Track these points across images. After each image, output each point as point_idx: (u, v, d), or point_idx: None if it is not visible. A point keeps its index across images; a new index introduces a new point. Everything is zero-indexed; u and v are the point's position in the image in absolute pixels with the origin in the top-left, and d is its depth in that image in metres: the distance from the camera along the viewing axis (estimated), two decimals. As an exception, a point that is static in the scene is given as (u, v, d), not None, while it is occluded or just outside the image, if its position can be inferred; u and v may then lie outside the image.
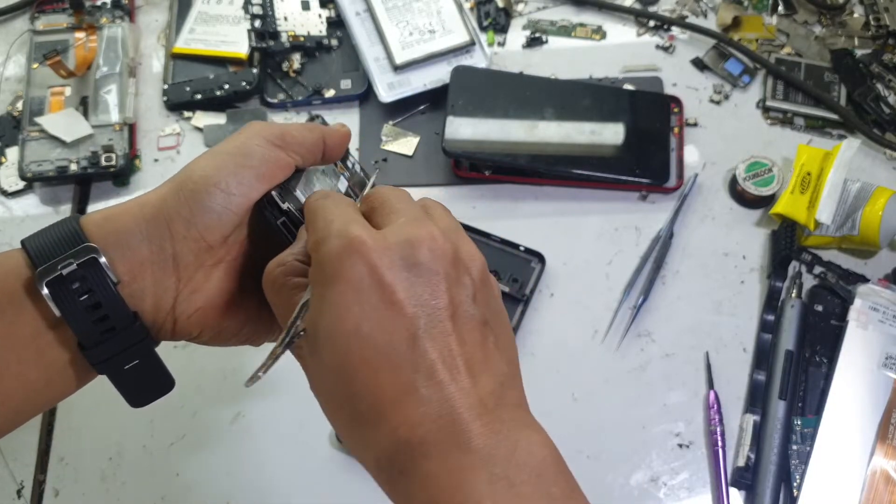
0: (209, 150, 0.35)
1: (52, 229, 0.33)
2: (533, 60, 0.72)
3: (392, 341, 0.28)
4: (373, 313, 0.29)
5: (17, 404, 0.32)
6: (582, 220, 0.65)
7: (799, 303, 0.59)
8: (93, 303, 0.31)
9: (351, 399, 0.29)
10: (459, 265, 0.30)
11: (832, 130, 0.69)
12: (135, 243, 0.32)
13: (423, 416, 0.28)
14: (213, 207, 0.33)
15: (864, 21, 0.74)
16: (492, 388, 0.29)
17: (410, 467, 0.28)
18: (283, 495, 0.56)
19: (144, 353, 0.34)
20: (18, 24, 0.76)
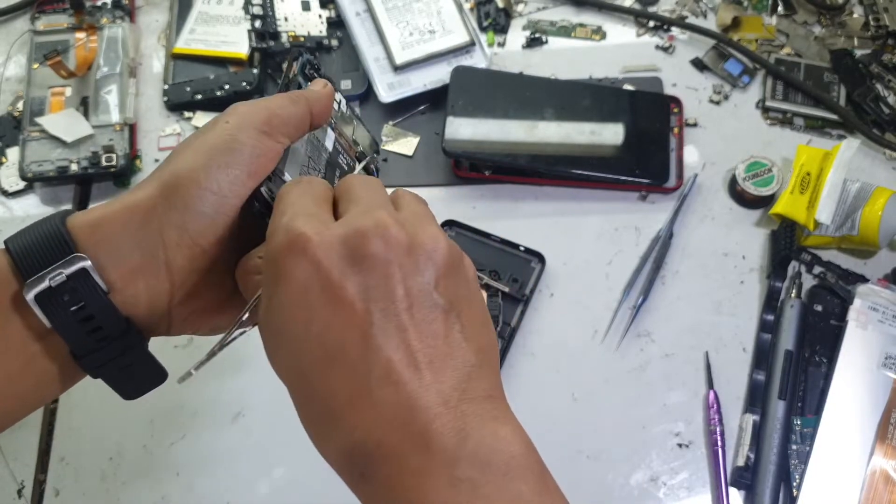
0: (193, 141, 0.33)
1: (37, 230, 0.31)
2: (533, 61, 0.72)
3: (343, 341, 0.27)
4: (321, 313, 0.27)
5: (7, 408, 0.32)
6: (582, 220, 0.65)
7: (798, 303, 0.59)
8: (85, 315, 0.30)
9: (308, 399, 0.28)
10: (417, 253, 0.28)
11: (832, 130, 0.69)
12: (126, 251, 0.31)
13: (378, 419, 0.26)
14: (205, 212, 0.31)
15: (864, 21, 0.74)
16: (455, 381, 0.27)
17: (369, 471, 0.27)
18: (284, 495, 0.56)
19: (138, 356, 0.33)
20: (19, 24, 0.76)
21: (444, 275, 0.29)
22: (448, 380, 0.27)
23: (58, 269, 0.30)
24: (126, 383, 0.35)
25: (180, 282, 0.32)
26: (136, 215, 0.31)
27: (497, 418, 0.28)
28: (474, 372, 0.28)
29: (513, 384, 0.59)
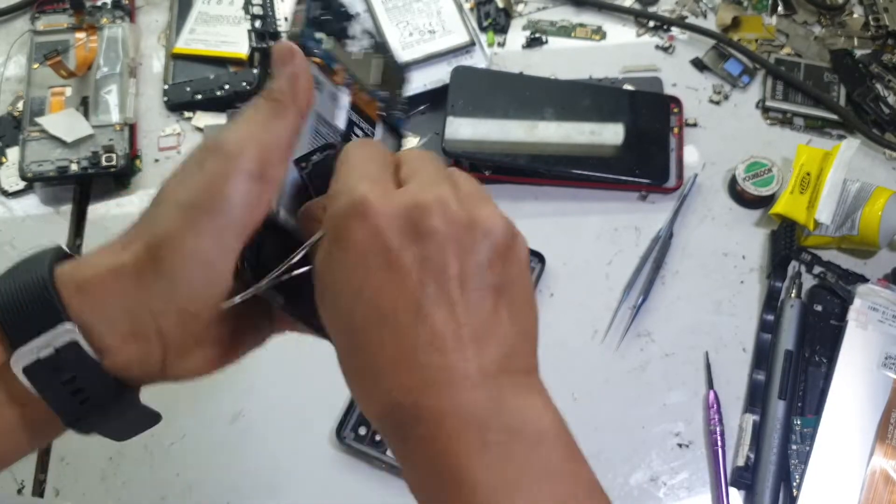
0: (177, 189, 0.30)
1: (24, 282, 0.29)
2: (533, 61, 0.72)
3: (395, 306, 0.28)
4: (376, 278, 0.28)
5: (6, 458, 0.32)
6: (582, 220, 0.65)
7: (798, 303, 0.59)
8: (75, 388, 0.29)
9: (353, 354, 0.29)
10: (475, 231, 0.29)
11: (832, 130, 0.69)
12: (116, 317, 0.29)
13: (418, 382, 0.27)
14: (193, 282, 0.30)
15: (864, 21, 0.74)
16: (496, 356, 0.28)
17: (406, 430, 0.28)
18: (284, 494, 0.56)
19: (129, 408, 0.33)
20: (19, 24, 0.76)
21: (498, 255, 0.29)
22: (489, 354, 0.28)
23: (46, 341, 0.28)
24: (118, 432, 0.34)
25: (174, 348, 0.31)
26: (123, 280, 0.29)
27: (532, 392, 0.29)
28: (515, 349, 0.29)
29: (513, 384, 0.59)
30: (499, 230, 0.29)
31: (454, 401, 0.27)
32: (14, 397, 0.29)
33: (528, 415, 0.28)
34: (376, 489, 0.56)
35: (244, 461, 0.57)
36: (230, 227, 0.30)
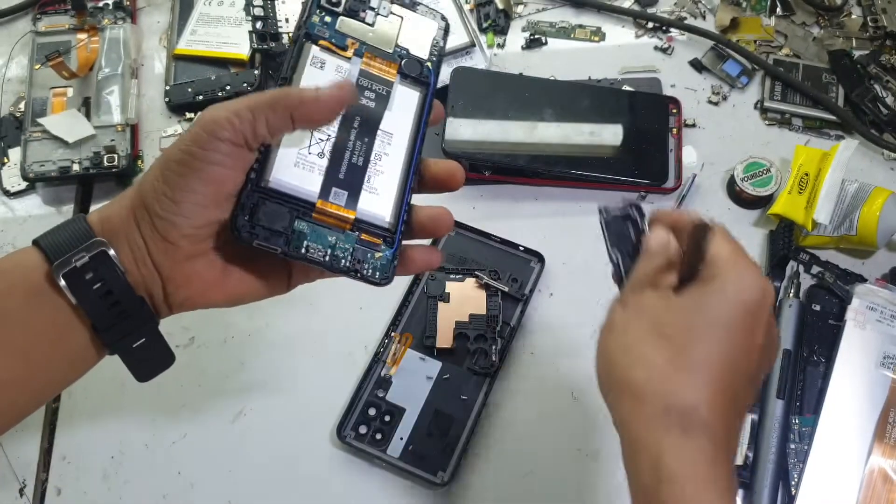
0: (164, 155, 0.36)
1: (62, 228, 0.36)
2: (532, 62, 0.73)
3: (738, 375, 0.37)
4: (742, 354, 0.37)
5: (43, 384, 0.37)
6: (581, 221, 0.65)
7: (797, 302, 0.60)
8: (105, 291, 0.35)
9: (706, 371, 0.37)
10: (773, 334, 0.39)
11: (830, 131, 0.69)
12: (122, 241, 0.36)
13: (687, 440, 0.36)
14: (168, 219, 0.35)
15: (862, 22, 0.74)
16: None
17: (686, 428, 0.35)
18: (285, 494, 0.56)
19: (150, 332, 0.37)
20: (21, 25, 0.76)
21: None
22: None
23: (81, 253, 0.34)
24: (140, 361, 0.38)
25: (167, 275, 0.36)
26: (125, 218, 0.36)
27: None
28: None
29: (513, 384, 0.59)
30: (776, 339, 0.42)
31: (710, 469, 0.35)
32: (56, 322, 0.35)
33: None
34: (377, 488, 0.56)
35: (245, 460, 0.57)
36: (196, 177, 0.35)
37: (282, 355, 0.61)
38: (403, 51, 0.43)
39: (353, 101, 0.39)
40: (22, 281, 0.35)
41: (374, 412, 0.57)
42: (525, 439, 0.57)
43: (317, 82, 0.39)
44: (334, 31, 0.42)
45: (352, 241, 0.40)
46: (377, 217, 0.40)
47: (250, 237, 0.37)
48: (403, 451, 0.56)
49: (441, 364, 0.59)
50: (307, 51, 0.41)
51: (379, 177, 0.41)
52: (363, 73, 0.42)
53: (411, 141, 0.43)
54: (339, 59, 0.42)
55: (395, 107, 0.42)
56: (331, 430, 0.57)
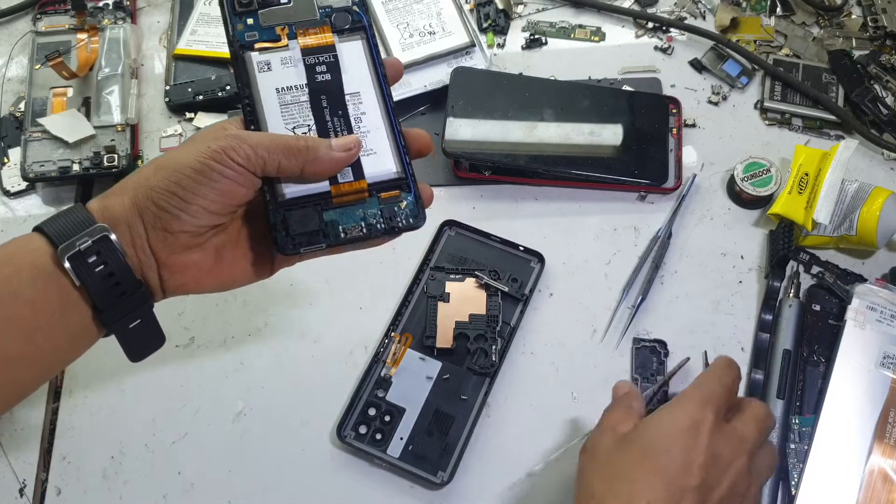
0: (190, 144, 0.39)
1: (63, 215, 0.38)
2: (532, 62, 0.73)
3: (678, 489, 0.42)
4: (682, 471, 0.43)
5: (46, 361, 0.39)
6: (581, 221, 0.65)
7: (797, 302, 0.60)
8: (107, 272, 0.38)
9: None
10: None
11: (830, 131, 0.69)
12: (123, 228, 0.39)
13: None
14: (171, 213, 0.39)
15: (862, 22, 0.74)
16: None
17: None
18: (285, 493, 0.56)
19: (146, 314, 0.40)
20: (21, 25, 0.76)
21: None
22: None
23: (84, 237, 0.37)
24: (134, 341, 0.41)
25: (164, 261, 0.40)
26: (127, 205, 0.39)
27: None
28: None
29: (513, 384, 0.59)
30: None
31: None
32: (60, 302, 0.37)
33: None
34: (377, 488, 0.56)
35: (245, 460, 0.57)
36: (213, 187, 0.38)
37: (282, 355, 0.61)
38: (328, 8, 0.45)
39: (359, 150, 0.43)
40: (28, 263, 0.37)
41: (374, 412, 0.57)
42: (525, 439, 0.57)
43: (273, 85, 0.43)
44: (260, 28, 0.44)
45: (376, 206, 0.43)
46: (385, 173, 0.43)
47: (295, 248, 0.41)
48: (403, 450, 0.56)
49: (441, 364, 0.59)
50: (249, 61, 0.44)
51: (368, 136, 0.44)
52: (305, 52, 0.44)
53: (377, 88, 0.45)
54: (279, 51, 0.44)
55: (348, 66, 0.45)
56: (331, 430, 0.57)
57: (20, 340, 0.37)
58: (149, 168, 0.40)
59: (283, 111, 0.43)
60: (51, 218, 0.39)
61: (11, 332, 0.37)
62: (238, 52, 0.44)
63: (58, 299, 0.37)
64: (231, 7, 0.44)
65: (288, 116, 0.43)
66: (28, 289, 0.37)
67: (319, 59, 0.44)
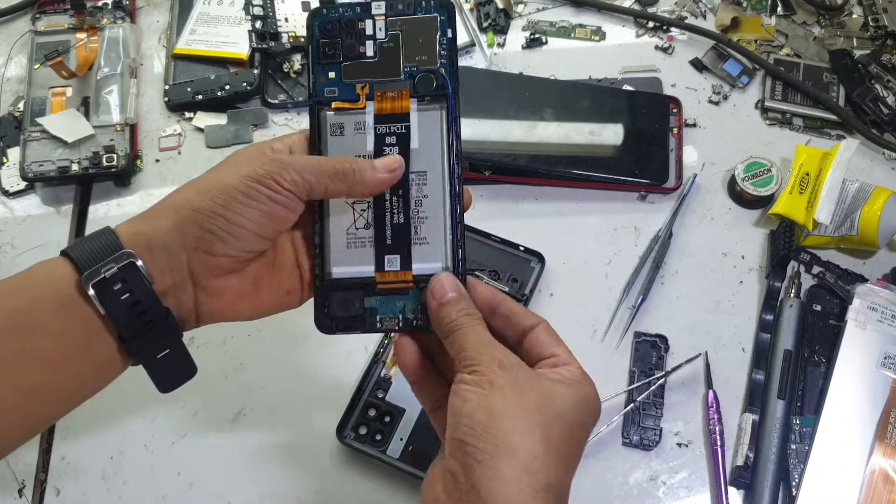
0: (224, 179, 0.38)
1: (89, 240, 0.37)
2: (532, 61, 0.73)
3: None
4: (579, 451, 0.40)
5: (69, 392, 0.37)
6: (581, 221, 0.65)
7: (798, 302, 0.60)
8: (133, 301, 0.36)
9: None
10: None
11: (831, 131, 0.69)
12: (158, 252, 0.37)
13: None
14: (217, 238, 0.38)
15: (863, 22, 0.74)
16: None
17: None
18: (285, 494, 0.56)
19: (174, 343, 0.39)
20: (20, 24, 0.76)
21: None
22: None
23: (110, 263, 0.36)
24: (163, 372, 0.39)
25: (202, 284, 0.38)
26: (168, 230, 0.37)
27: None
28: None
29: (512, 384, 0.59)
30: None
31: None
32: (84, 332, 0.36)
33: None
34: (376, 488, 0.56)
35: (245, 460, 0.57)
36: (262, 213, 0.38)
37: (282, 355, 0.61)
38: (413, 67, 0.42)
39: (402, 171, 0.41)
40: (52, 291, 0.36)
41: (374, 413, 0.57)
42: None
43: (343, 151, 0.41)
44: (341, 83, 0.42)
45: (416, 300, 0.42)
46: (433, 269, 0.41)
47: (332, 331, 0.41)
48: (403, 451, 0.56)
49: (441, 364, 0.59)
50: (324, 121, 0.42)
51: (425, 223, 0.42)
52: (378, 118, 0.42)
53: (447, 169, 0.42)
54: (355, 114, 0.42)
55: (420, 140, 0.42)
56: (330, 431, 0.57)
57: (43, 372, 0.35)
58: (187, 191, 0.38)
59: None
60: (78, 241, 0.37)
61: (34, 363, 0.35)
62: (315, 108, 0.42)
63: (82, 329, 0.36)
64: (316, 56, 0.42)
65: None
66: (51, 318, 0.35)
67: (391, 128, 0.42)
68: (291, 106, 0.71)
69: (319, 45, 0.42)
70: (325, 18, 0.42)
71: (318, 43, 0.42)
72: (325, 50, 0.42)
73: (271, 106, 0.71)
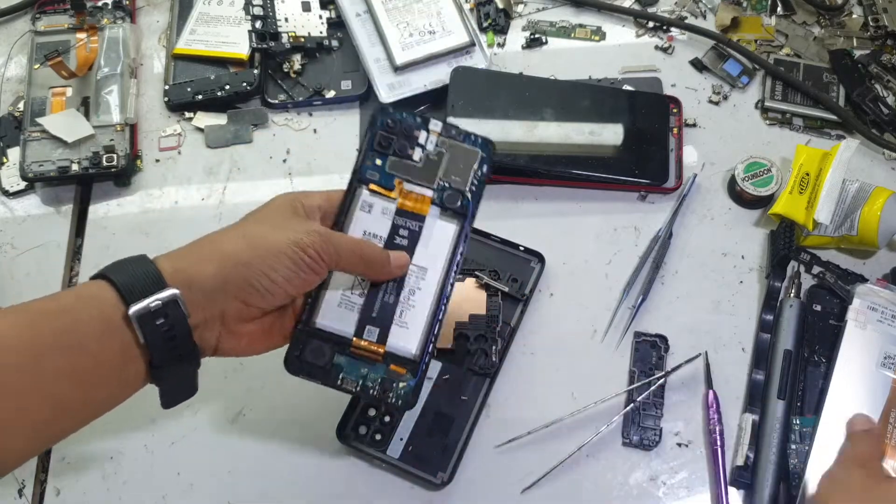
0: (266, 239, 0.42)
1: (130, 266, 0.40)
2: (532, 61, 0.73)
3: None
4: None
5: (95, 408, 0.40)
6: (581, 221, 0.65)
7: (797, 302, 0.60)
8: (171, 335, 0.39)
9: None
10: None
11: (831, 131, 0.69)
12: (196, 291, 0.40)
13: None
14: (256, 291, 0.42)
15: (863, 22, 0.74)
16: None
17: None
18: (285, 494, 0.56)
19: (192, 372, 0.43)
20: (20, 24, 0.76)
21: None
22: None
23: (155, 298, 0.38)
24: (171, 392, 0.43)
25: (228, 328, 0.43)
26: (211, 273, 0.41)
27: None
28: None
29: (513, 383, 0.59)
30: None
31: None
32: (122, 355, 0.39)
33: None
34: (376, 488, 0.56)
35: (245, 460, 0.57)
36: (301, 279, 0.43)
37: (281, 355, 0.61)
38: (445, 183, 0.49)
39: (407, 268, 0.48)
40: (97, 314, 0.38)
41: (374, 412, 0.57)
42: (525, 439, 0.57)
43: (363, 227, 0.47)
44: (384, 172, 0.49)
45: (381, 372, 0.46)
46: (404, 350, 0.47)
47: (297, 372, 0.46)
48: (403, 451, 0.56)
49: (441, 364, 0.59)
50: (358, 195, 0.48)
51: (410, 311, 0.47)
52: (398, 212, 0.48)
53: (443, 275, 0.48)
54: (385, 200, 0.48)
55: (430, 241, 0.48)
56: (331, 431, 0.57)
57: (77, 389, 0.38)
58: (236, 241, 0.42)
59: None
60: (117, 267, 0.40)
61: (71, 381, 0.37)
62: (354, 182, 0.48)
63: (119, 353, 0.39)
64: (371, 143, 0.49)
65: None
66: (93, 341, 0.38)
67: (406, 223, 0.48)
68: (291, 106, 0.71)
69: (377, 136, 0.49)
70: (391, 117, 0.49)
71: (378, 134, 0.49)
72: (381, 141, 0.49)
73: (271, 106, 0.71)
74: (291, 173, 0.68)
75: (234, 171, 0.69)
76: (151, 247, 0.40)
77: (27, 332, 0.36)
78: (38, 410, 0.37)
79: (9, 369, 0.35)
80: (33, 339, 0.36)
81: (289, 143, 0.70)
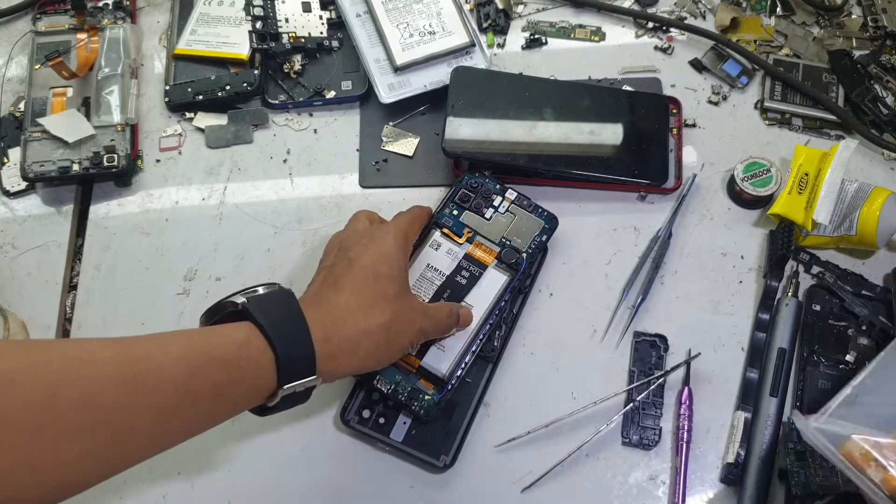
0: (405, 338, 0.51)
1: (292, 335, 0.45)
2: (532, 61, 0.73)
3: None
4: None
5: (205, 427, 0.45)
6: (581, 221, 0.65)
7: (794, 301, 0.60)
8: (295, 401, 0.46)
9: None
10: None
11: (830, 131, 0.69)
12: (328, 375, 0.47)
13: None
14: (375, 368, 0.51)
15: (862, 22, 0.74)
16: None
17: None
18: (289, 477, 0.57)
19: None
20: (20, 25, 0.76)
21: None
22: None
23: (303, 383, 0.45)
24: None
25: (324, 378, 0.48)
26: (352, 365, 0.48)
27: None
28: None
29: (512, 383, 0.59)
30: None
31: None
32: (250, 406, 0.45)
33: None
34: (380, 471, 0.56)
35: (245, 459, 0.57)
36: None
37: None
38: (507, 241, 0.59)
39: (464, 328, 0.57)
40: (252, 383, 0.43)
41: (377, 396, 0.57)
42: (525, 439, 0.57)
43: (429, 260, 0.58)
44: (457, 221, 0.59)
45: (412, 382, 0.55)
46: (435, 368, 0.55)
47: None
48: (406, 435, 0.56)
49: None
50: (432, 234, 0.59)
51: (450, 338, 0.56)
52: (466, 257, 0.58)
53: (486, 314, 0.57)
54: (453, 243, 0.59)
55: (483, 285, 0.57)
56: (334, 415, 0.58)
57: (199, 431, 0.43)
58: (379, 337, 0.48)
59: (419, 280, 0.57)
60: (287, 341, 0.44)
61: (204, 425, 0.43)
62: (431, 223, 0.59)
63: (251, 405, 0.45)
64: (453, 195, 0.61)
65: (417, 284, 0.57)
66: (241, 398, 0.43)
67: (470, 267, 0.58)
68: (292, 106, 0.71)
69: (460, 191, 0.61)
70: (474, 179, 0.61)
71: (461, 190, 0.61)
72: (462, 197, 0.60)
73: (272, 106, 0.71)
74: (292, 174, 0.69)
75: (235, 172, 0.69)
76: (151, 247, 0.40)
77: (187, 373, 0.41)
78: (169, 443, 0.43)
79: (166, 409, 0.41)
80: (189, 383, 0.41)
81: (289, 144, 0.70)
